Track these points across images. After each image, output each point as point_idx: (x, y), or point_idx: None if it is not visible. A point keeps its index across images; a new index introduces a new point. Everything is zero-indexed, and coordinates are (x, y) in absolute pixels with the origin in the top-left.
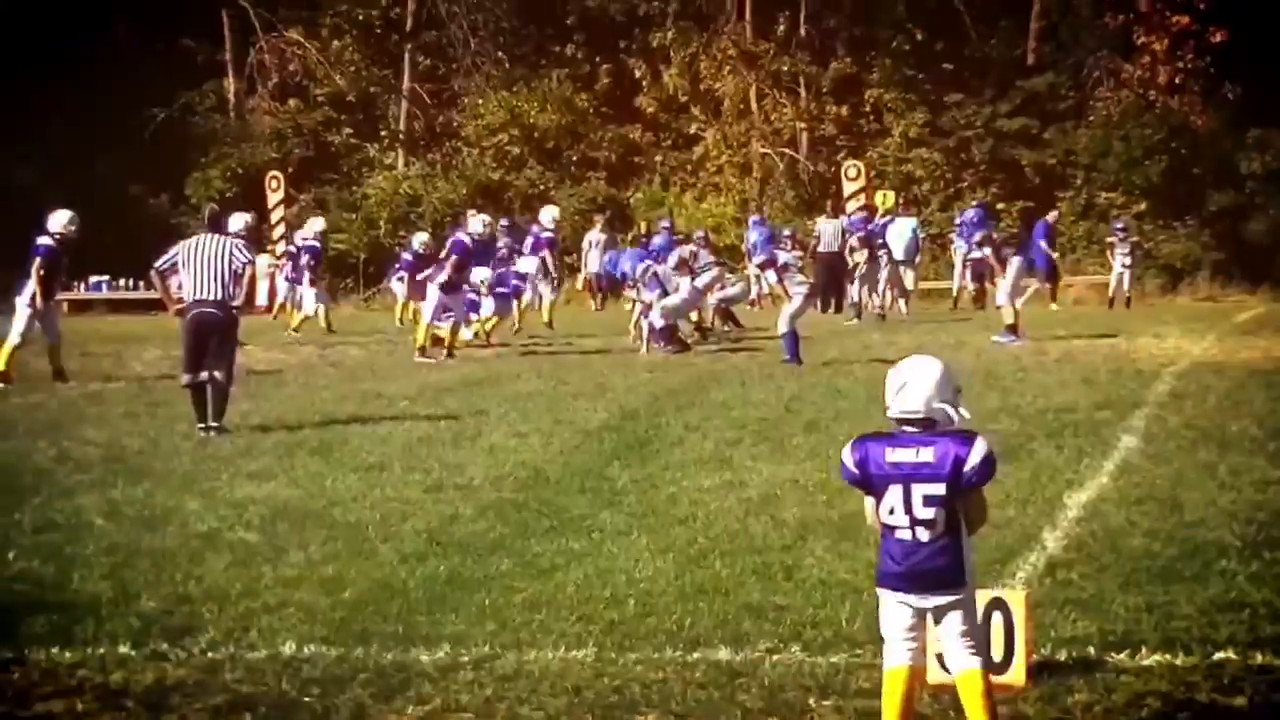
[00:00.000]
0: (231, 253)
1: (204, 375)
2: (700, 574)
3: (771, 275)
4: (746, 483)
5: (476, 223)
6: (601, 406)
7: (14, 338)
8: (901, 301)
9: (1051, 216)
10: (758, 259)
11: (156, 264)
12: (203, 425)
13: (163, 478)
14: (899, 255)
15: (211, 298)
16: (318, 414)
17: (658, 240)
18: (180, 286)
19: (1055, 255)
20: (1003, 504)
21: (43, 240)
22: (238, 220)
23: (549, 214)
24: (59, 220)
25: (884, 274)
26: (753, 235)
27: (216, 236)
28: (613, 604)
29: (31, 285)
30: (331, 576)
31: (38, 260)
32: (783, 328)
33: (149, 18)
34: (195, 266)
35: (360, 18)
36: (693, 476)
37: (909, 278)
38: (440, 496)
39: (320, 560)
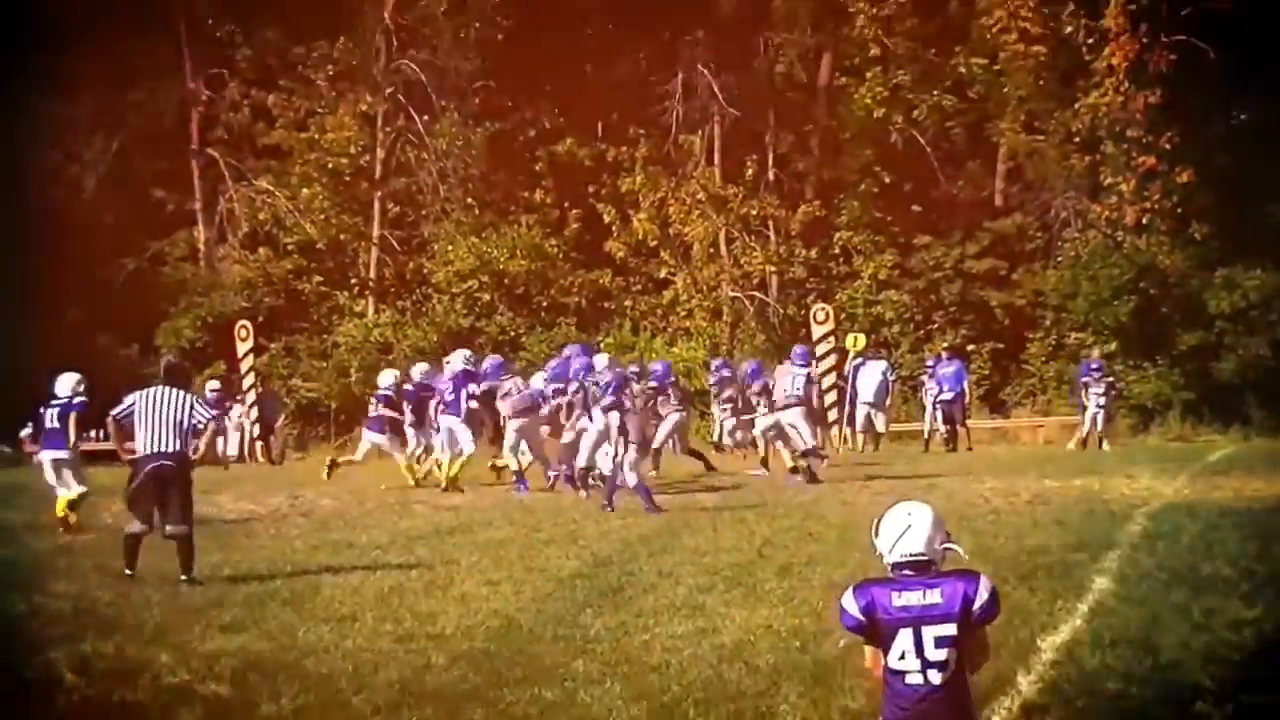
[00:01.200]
0: (191, 408)
1: (143, 527)
2: None
3: (615, 417)
4: (720, 629)
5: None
6: (573, 553)
7: (77, 488)
8: (871, 445)
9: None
10: (604, 400)
11: (114, 412)
12: (131, 572)
13: (133, 631)
14: (869, 398)
15: (168, 450)
16: (289, 564)
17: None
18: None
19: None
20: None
21: (78, 400)
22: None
23: (387, 377)
24: (69, 383)
25: (859, 416)
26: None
27: (176, 390)
28: None
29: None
30: None
31: (73, 415)
32: (631, 480)
33: (119, 168)
34: (150, 420)
35: (329, 165)
36: (665, 623)
37: (879, 420)
38: (412, 646)
39: (292, 713)
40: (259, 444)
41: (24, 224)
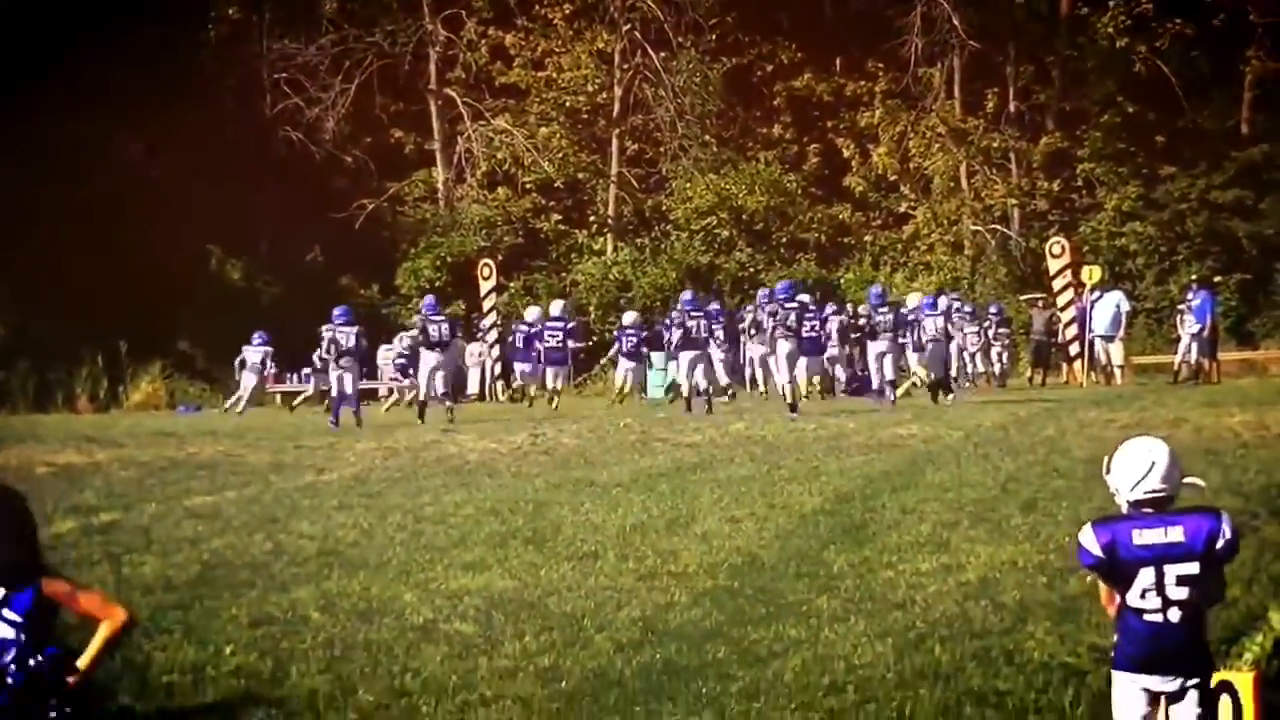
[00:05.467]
0: None
1: None
2: (919, 659)
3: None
4: (964, 565)
5: None
6: (815, 490)
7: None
8: (1104, 376)
9: None
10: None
11: None
12: None
13: (377, 570)
14: (1103, 330)
15: None
16: (531, 503)
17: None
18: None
19: None
20: (1227, 582)
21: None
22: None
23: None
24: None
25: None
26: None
27: None
28: (831, 691)
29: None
30: (547, 667)
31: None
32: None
33: (358, 110)
34: None
35: (567, 104)
36: (909, 560)
37: (1116, 352)
38: (654, 584)
39: (536, 651)
40: (499, 382)
41: (263, 168)
